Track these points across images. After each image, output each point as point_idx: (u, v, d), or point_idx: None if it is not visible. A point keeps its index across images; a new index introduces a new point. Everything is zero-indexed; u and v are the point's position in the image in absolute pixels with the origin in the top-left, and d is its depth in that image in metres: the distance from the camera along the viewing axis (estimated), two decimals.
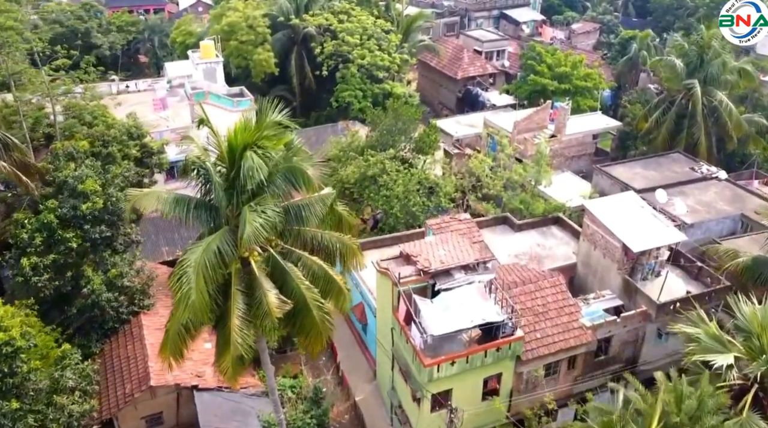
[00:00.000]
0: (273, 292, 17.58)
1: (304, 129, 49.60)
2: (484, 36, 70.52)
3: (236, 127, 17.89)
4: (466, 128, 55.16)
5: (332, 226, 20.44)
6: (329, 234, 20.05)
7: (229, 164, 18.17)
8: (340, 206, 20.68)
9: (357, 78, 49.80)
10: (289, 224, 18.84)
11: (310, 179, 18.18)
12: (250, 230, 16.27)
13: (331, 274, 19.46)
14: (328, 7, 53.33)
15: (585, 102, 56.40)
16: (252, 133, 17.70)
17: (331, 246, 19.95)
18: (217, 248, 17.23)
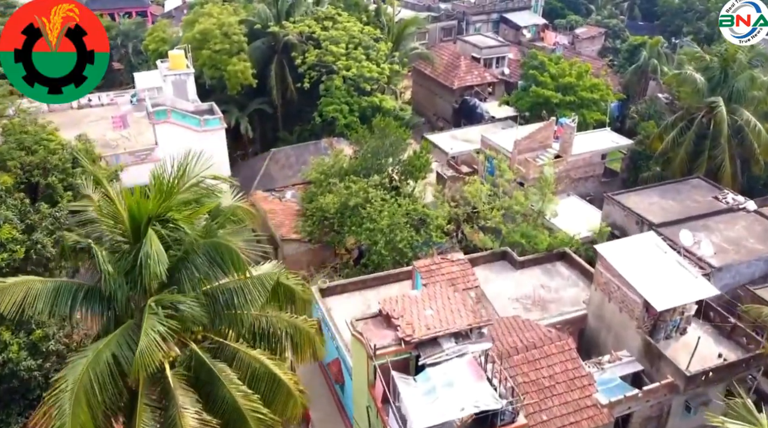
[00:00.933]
0: (191, 411, 12.90)
1: (283, 148, 44.96)
2: (483, 42, 65.77)
3: (137, 192, 13.14)
4: (462, 144, 50.48)
5: (282, 304, 15.75)
6: (277, 317, 15.41)
7: (133, 239, 13.46)
8: (292, 279, 15.97)
9: (342, 91, 45.09)
10: (218, 313, 14.15)
11: (241, 260, 13.43)
12: (144, 346, 11.56)
13: (278, 373, 14.79)
14: (312, 13, 48.60)
15: (591, 115, 51.70)
16: (157, 201, 12.96)
17: (278, 333, 15.27)
18: (112, 357, 12.55)
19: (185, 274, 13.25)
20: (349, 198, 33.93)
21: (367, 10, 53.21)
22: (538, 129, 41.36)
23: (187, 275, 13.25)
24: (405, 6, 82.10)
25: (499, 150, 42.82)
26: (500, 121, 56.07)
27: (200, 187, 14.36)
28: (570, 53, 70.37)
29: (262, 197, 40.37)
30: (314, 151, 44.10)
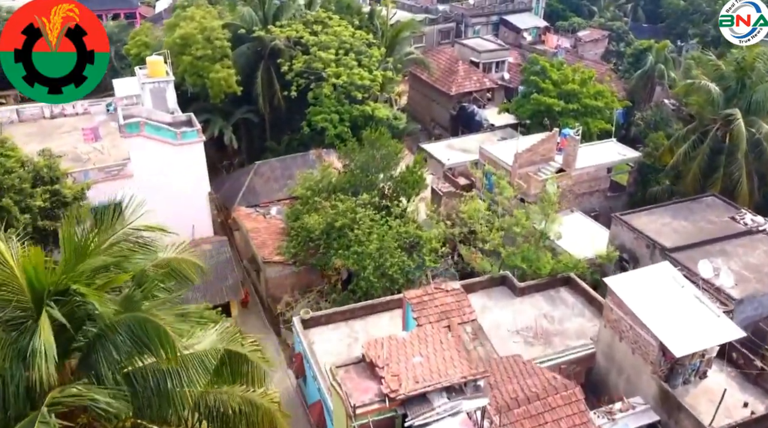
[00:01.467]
0: None
1: (268, 160, 42.18)
2: (482, 45, 63.01)
3: (33, 256, 10.37)
4: (459, 155, 47.76)
5: (235, 376, 13.02)
6: (228, 393, 12.66)
7: (36, 313, 10.70)
8: (248, 345, 13.20)
9: (332, 99, 42.33)
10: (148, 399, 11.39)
11: (170, 339, 10.61)
12: None
13: None
14: (301, 16, 45.81)
15: (596, 124, 48.94)
16: (61, 269, 10.22)
17: (230, 413, 12.54)
18: None
19: (102, 355, 10.56)
20: (336, 219, 31.19)
21: (360, 12, 50.45)
22: (540, 141, 38.61)
23: (105, 357, 10.55)
24: (402, 8, 79.37)
25: (499, 163, 40.09)
26: (500, 129, 53.39)
27: (128, 242, 11.64)
28: (572, 57, 67.67)
29: (245, 214, 37.63)
30: (302, 163, 41.36)
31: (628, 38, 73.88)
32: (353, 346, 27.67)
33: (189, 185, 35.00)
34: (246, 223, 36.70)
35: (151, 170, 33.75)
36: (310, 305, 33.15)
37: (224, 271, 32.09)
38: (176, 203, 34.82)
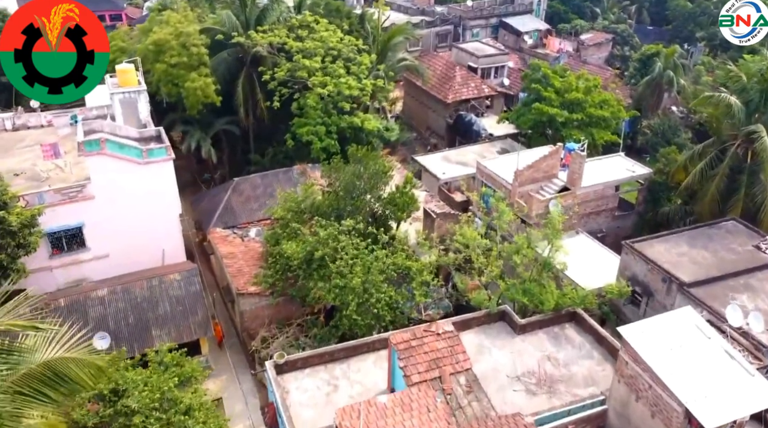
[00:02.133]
0: None
1: (248, 177, 38.94)
2: (480, 50, 59.72)
3: None
4: (455, 168, 44.50)
5: None
6: None
7: None
8: None
9: (318, 110, 39.07)
10: None
11: None
12: None
13: None
14: (285, 20, 42.51)
15: (601, 135, 45.72)
16: None
17: None
18: None
19: None
20: (316, 247, 27.94)
21: (350, 16, 47.17)
22: (543, 158, 35.35)
23: None
24: (397, 10, 76.16)
25: (497, 180, 36.86)
26: (499, 139, 50.14)
27: None
28: (575, 62, 64.45)
29: (220, 237, 34.40)
30: (285, 179, 38.15)
31: (633, 42, 70.70)
32: (333, 395, 24.49)
33: (157, 207, 31.77)
34: (221, 247, 33.47)
35: (114, 192, 30.53)
36: (289, 341, 29.95)
37: (193, 305, 28.88)
38: (143, 227, 31.73)
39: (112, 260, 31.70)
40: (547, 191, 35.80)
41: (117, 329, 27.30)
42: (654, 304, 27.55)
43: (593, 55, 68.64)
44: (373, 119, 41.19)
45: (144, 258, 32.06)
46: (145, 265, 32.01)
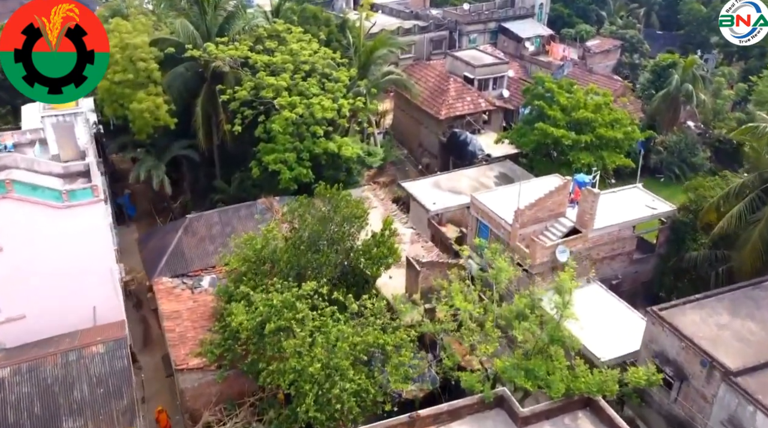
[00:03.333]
0: None
1: (205, 213, 33.24)
2: (477, 59, 53.97)
3: None
4: (447, 197, 38.81)
5: None
6: None
7: None
8: None
9: (287, 135, 33.45)
10: None
11: None
12: None
13: None
14: (252, 28, 36.77)
15: (613, 159, 40.06)
16: None
17: None
18: None
19: None
20: (269, 317, 22.30)
21: (329, 24, 41.49)
22: (548, 194, 29.69)
23: None
24: (389, 13, 70.50)
25: (494, 218, 31.21)
26: (497, 161, 44.42)
27: None
28: (581, 71, 58.76)
29: (166, 290, 28.79)
30: (247, 216, 32.54)
31: (643, 48, 64.99)
32: None
33: (85, 257, 26.18)
34: (164, 303, 27.85)
35: (29, 242, 24.98)
36: (240, 426, 24.32)
37: (118, 386, 23.23)
38: (68, 283, 26.11)
39: (30, 323, 26.09)
40: (554, 232, 30.15)
41: (18, 422, 21.67)
42: (689, 391, 21.90)
43: (600, 63, 62.92)
44: (353, 143, 35.52)
45: (71, 319, 26.44)
46: (72, 326, 26.40)
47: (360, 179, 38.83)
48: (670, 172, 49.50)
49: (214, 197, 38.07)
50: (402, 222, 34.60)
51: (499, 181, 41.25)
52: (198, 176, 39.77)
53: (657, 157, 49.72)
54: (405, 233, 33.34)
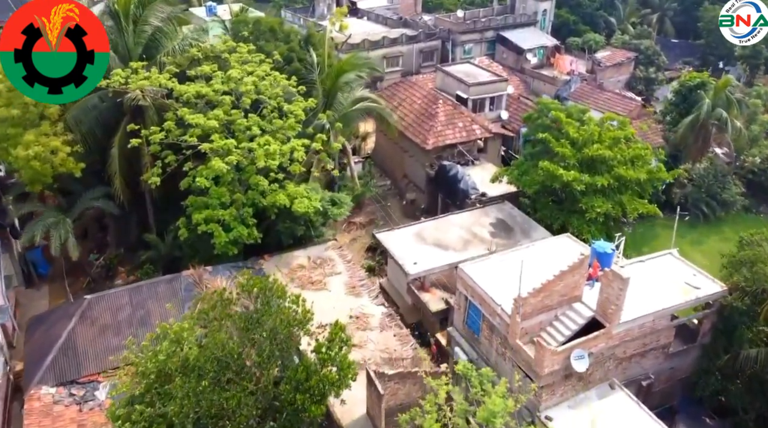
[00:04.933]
0: None
1: (111, 292, 25.48)
2: (471, 75, 46.27)
3: None
4: (432, 253, 31.11)
5: None
6: None
7: None
8: None
9: (225, 186, 25.78)
10: None
11: None
12: None
13: None
14: (183, 50, 28.86)
15: (635, 205, 32.39)
16: None
17: None
18: None
19: None
20: None
21: (289, 39, 33.65)
22: (559, 275, 21.88)
23: None
24: (375, 20, 62.71)
25: (487, 302, 23.46)
26: (493, 202, 36.65)
27: None
28: (591, 87, 51.02)
29: (42, 407, 21.07)
30: (167, 293, 24.87)
31: (659, 61, 57.08)
32: None
33: None
34: None
35: None
36: None
37: None
38: None
39: None
40: (567, 324, 22.37)
41: None
42: None
43: (611, 77, 55.16)
44: (312, 192, 27.77)
45: None
46: None
47: (325, 231, 31.10)
48: (696, 209, 41.79)
49: (143, 255, 30.41)
50: (371, 296, 26.87)
51: (496, 231, 33.53)
52: (129, 226, 32.07)
53: (681, 191, 41.99)
54: (374, 313, 25.65)
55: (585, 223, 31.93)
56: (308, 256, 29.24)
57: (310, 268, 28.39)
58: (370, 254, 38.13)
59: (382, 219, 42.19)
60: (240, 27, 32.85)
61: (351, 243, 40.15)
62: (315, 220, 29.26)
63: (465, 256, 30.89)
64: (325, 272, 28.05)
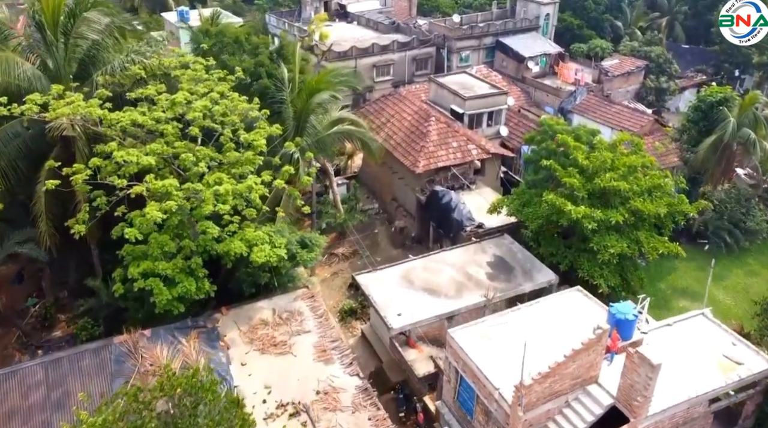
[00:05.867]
0: None
1: (22, 366, 20.97)
2: (468, 87, 41.78)
3: None
4: (420, 300, 26.67)
5: None
6: None
7: None
8: None
9: (169, 233, 21.32)
10: None
11: None
12: None
13: None
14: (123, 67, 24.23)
15: (654, 244, 27.94)
16: None
17: None
18: None
19: None
20: None
21: (256, 52, 29.11)
22: (573, 354, 17.40)
23: None
24: (366, 25, 58.18)
25: (482, 381, 18.96)
26: (492, 235, 32.20)
27: None
28: (598, 100, 46.55)
29: None
30: (94, 367, 20.42)
31: (671, 69, 52.54)
32: None
33: None
34: None
35: None
36: None
37: None
38: None
39: None
40: (581, 415, 17.89)
41: None
42: None
43: (620, 88, 50.66)
44: (275, 237, 23.26)
45: None
46: None
47: (296, 274, 26.63)
48: (718, 238, 37.29)
49: (82, 305, 25.97)
50: (344, 362, 22.37)
51: (494, 272, 29.08)
52: (66, 269, 27.60)
53: (700, 217, 37.39)
54: (346, 387, 21.13)
55: (597, 266, 27.48)
56: (273, 308, 24.80)
57: (274, 325, 23.93)
58: (352, 291, 33.75)
59: (368, 248, 37.75)
60: (201, 38, 28.27)
61: (332, 278, 35.75)
62: (281, 266, 24.76)
63: (458, 305, 26.53)
64: (292, 330, 23.60)
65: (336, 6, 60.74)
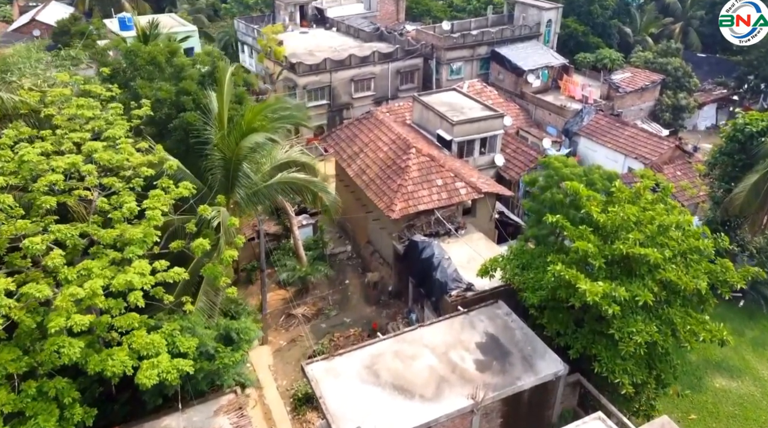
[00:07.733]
0: None
1: None
2: (457, 109, 35.18)
3: None
4: (384, 404, 19.89)
5: None
6: None
7: None
8: None
9: (12, 350, 14.63)
10: None
11: None
12: None
13: None
14: None
15: (691, 325, 21.20)
16: None
17: None
18: None
19: None
20: None
21: (181, 75, 22.32)
22: None
23: None
24: (346, 32, 51.44)
25: None
26: (484, 304, 25.45)
27: None
28: (608, 121, 39.81)
29: None
30: None
31: (690, 84, 45.79)
32: None
33: None
34: None
35: None
36: None
37: None
38: None
39: None
40: None
41: None
42: None
43: (632, 106, 43.95)
44: (182, 337, 16.60)
45: None
46: None
47: (226, 377, 19.90)
48: (756, 293, 30.72)
49: None
50: None
51: (486, 358, 22.41)
52: None
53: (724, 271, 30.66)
54: None
55: (618, 357, 20.79)
56: None
57: None
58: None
59: (337, 305, 31.19)
60: (103, 59, 21.52)
61: (288, 347, 29.01)
62: (197, 369, 18.03)
63: (436, 411, 19.90)
64: None
65: (314, 11, 54.02)
